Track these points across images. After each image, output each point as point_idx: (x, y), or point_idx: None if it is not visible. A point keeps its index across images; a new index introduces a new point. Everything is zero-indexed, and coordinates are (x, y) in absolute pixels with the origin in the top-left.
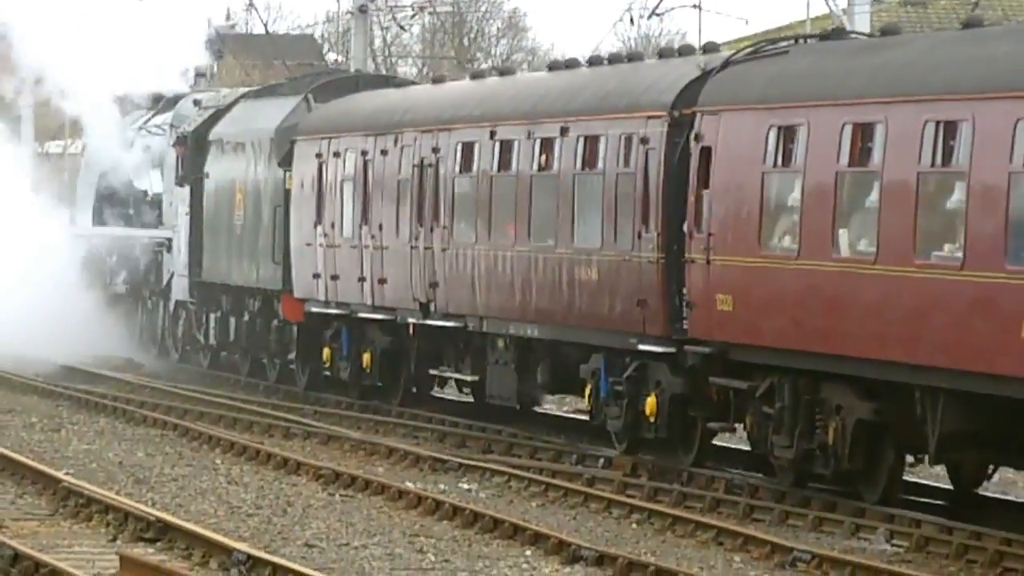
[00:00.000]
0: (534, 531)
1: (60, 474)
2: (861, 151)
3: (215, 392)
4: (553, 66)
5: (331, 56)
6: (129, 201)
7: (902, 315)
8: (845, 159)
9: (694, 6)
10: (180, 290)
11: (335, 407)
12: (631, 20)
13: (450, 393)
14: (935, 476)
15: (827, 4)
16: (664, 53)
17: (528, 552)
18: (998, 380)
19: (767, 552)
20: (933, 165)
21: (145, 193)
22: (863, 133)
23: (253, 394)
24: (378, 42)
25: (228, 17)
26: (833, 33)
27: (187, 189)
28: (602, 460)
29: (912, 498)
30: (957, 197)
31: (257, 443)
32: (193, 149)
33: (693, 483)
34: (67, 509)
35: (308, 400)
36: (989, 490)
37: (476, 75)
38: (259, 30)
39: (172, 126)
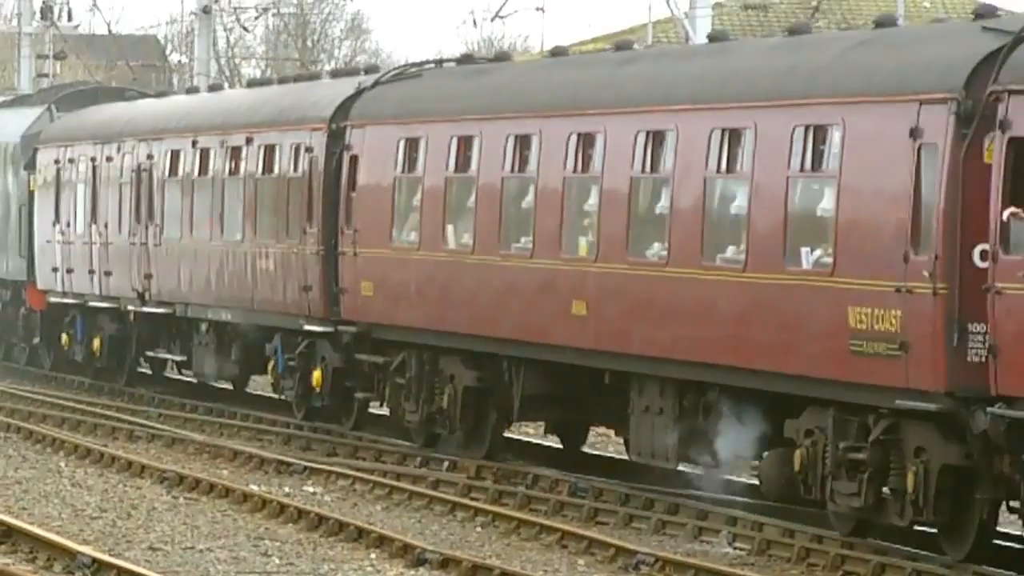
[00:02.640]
0: (379, 534)
1: None
2: (463, 160)
3: (59, 395)
4: (251, 83)
5: (174, 57)
6: None
7: (491, 297)
8: (452, 166)
9: (537, 9)
10: None
11: (179, 408)
12: (474, 23)
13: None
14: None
15: (668, 7)
16: (337, 73)
17: (373, 555)
18: (557, 350)
19: (611, 555)
20: (513, 172)
21: None
22: (464, 145)
23: (97, 397)
24: (222, 43)
25: (71, 17)
26: (463, 58)
27: None
28: (446, 463)
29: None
30: (529, 199)
31: (101, 446)
32: None
33: (537, 486)
34: None
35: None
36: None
37: (191, 90)
38: (102, 30)
39: None
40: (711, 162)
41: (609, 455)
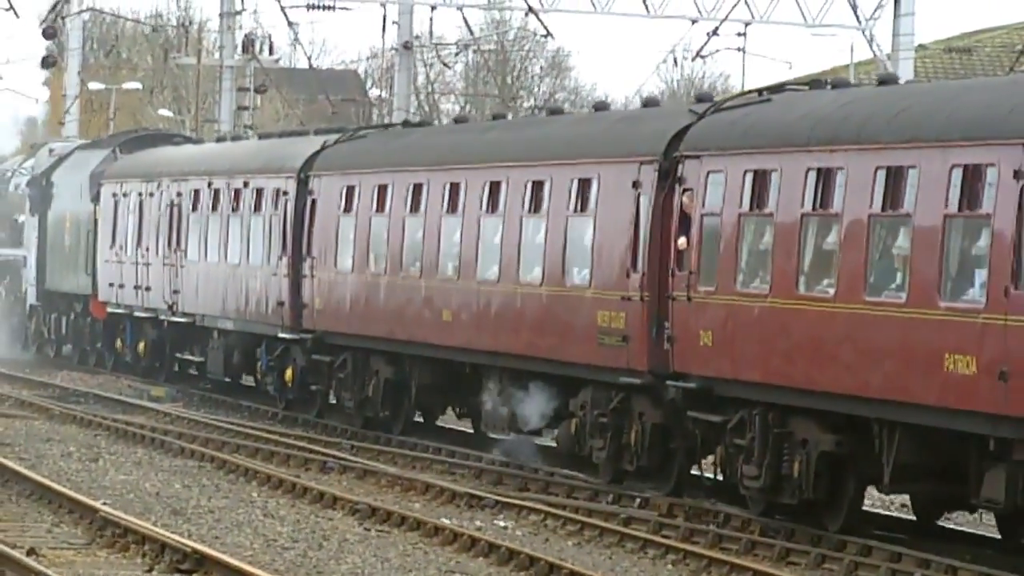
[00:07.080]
0: (570, 570)
1: (97, 504)
2: (381, 203)
3: (252, 425)
4: (262, 135)
5: (374, 92)
6: (7, 227)
7: (396, 308)
8: (374, 208)
9: (738, 49)
10: (32, 296)
11: (371, 441)
12: (675, 62)
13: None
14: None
15: (871, 49)
16: (319, 131)
17: None
18: (433, 347)
19: None
20: (411, 213)
21: (16, 221)
22: (381, 191)
23: (291, 427)
24: (422, 79)
25: (272, 51)
26: (405, 123)
27: (36, 218)
28: (638, 500)
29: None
30: (419, 234)
31: (294, 476)
32: (43, 187)
33: (728, 525)
34: (103, 539)
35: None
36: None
37: (220, 139)
38: (303, 64)
39: (32, 168)
40: (525, 206)
41: None
